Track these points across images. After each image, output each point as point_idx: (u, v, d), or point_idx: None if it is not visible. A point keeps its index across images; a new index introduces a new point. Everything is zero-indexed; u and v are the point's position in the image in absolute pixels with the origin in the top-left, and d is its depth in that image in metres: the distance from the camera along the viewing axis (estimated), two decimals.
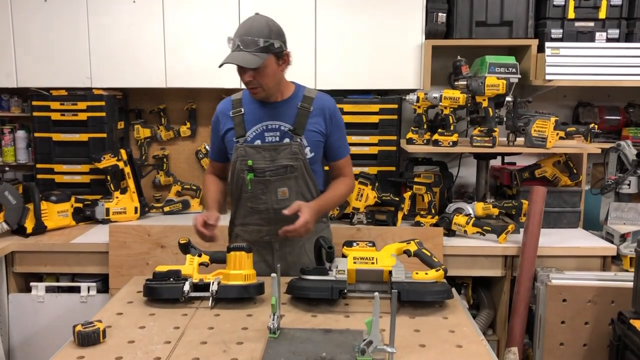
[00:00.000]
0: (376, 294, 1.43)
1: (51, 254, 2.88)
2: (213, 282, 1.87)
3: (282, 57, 2.07)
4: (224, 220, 2.33)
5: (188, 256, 1.98)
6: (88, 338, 1.55)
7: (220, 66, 2.00)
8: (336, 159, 2.24)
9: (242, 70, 2.03)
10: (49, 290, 2.91)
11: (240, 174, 2.14)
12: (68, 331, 1.62)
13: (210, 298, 1.85)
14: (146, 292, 1.89)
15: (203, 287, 1.89)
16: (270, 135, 2.13)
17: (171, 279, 1.89)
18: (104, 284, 2.94)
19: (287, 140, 2.12)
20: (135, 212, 3.22)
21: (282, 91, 2.16)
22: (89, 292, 2.88)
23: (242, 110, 2.17)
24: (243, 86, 2.17)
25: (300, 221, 1.96)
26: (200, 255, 1.98)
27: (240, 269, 1.89)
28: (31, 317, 2.89)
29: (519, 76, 3.03)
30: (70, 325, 1.61)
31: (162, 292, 1.86)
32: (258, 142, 2.13)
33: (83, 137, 3.26)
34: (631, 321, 2.19)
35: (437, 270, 1.89)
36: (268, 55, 2.00)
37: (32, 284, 2.90)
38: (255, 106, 2.16)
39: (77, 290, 2.91)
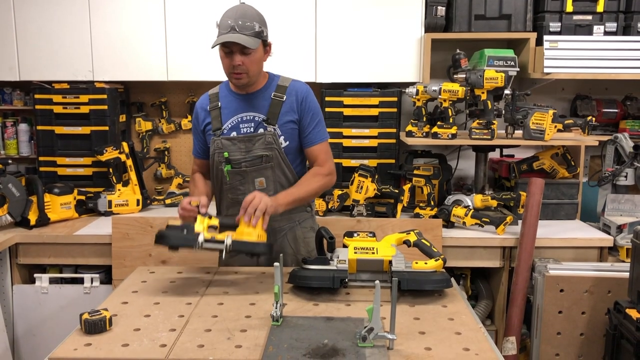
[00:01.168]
0: (377, 282, 1.47)
1: (54, 245, 2.91)
2: (227, 237, 1.85)
3: (266, 46, 2.12)
4: (213, 212, 2.35)
5: (199, 216, 1.92)
6: (95, 326, 1.58)
7: (214, 46, 2.03)
8: (309, 145, 2.19)
9: (230, 55, 2.04)
10: (52, 281, 2.94)
11: (218, 166, 2.17)
12: (71, 322, 1.65)
13: (224, 251, 1.83)
14: (160, 239, 1.83)
15: (216, 242, 1.86)
16: (245, 126, 2.16)
17: (185, 231, 1.85)
18: (106, 275, 2.98)
19: (261, 130, 2.14)
20: (137, 204, 3.25)
21: (258, 81, 2.18)
22: (92, 283, 2.91)
23: (219, 104, 2.20)
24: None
25: (249, 195, 1.90)
26: (210, 218, 1.93)
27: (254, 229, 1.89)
28: (35, 308, 2.92)
29: (518, 69, 3.05)
30: (74, 316, 1.64)
31: (178, 239, 1.83)
32: (234, 133, 2.16)
33: (85, 130, 3.29)
34: (627, 310, 2.22)
35: (436, 260, 1.92)
36: (260, 40, 2.05)
37: (35, 275, 2.93)
38: (231, 98, 2.19)
39: (80, 281, 2.94)
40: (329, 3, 3.19)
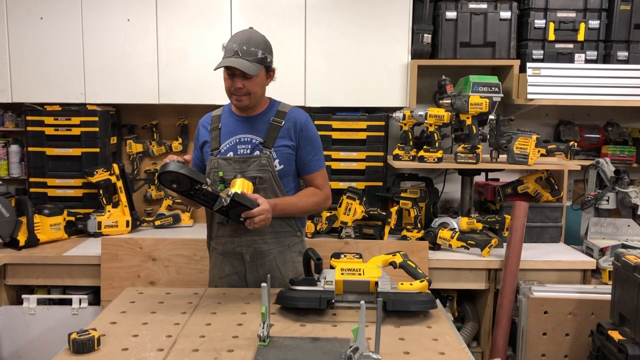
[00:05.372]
0: (362, 302, 1.49)
1: (43, 266, 2.91)
2: (227, 189, 1.94)
3: (270, 71, 2.19)
4: (203, 234, 2.40)
5: None
6: (83, 346, 1.60)
7: (216, 69, 2.08)
8: (307, 173, 2.27)
9: (232, 77, 2.11)
10: (40, 302, 2.93)
11: (213, 186, 2.21)
12: (59, 343, 1.66)
13: (222, 200, 1.91)
14: (167, 167, 1.86)
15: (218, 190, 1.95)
16: (242, 147, 2.21)
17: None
18: (95, 296, 2.97)
19: (257, 152, 2.19)
20: (127, 225, 3.26)
21: (259, 105, 2.24)
22: (80, 304, 2.91)
23: (220, 125, 2.26)
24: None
25: (259, 208, 1.98)
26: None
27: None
28: (22, 330, 2.91)
29: (502, 95, 3.13)
30: (61, 337, 1.66)
31: (186, 170, 1.86)
32: (231, 154, 2.20)
33: (76, 151, 3.31)
34: (609, 332, 2.26)
35: (421, 281, 1.96)
36: (262, 66, 2.11)
37: (23, 296, 2.93)
38: (231, 120, 2.25)
39: (68, 302, 2.93)
40: (318, 29, 3.26)
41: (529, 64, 3.19)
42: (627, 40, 3.27)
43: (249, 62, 2.06)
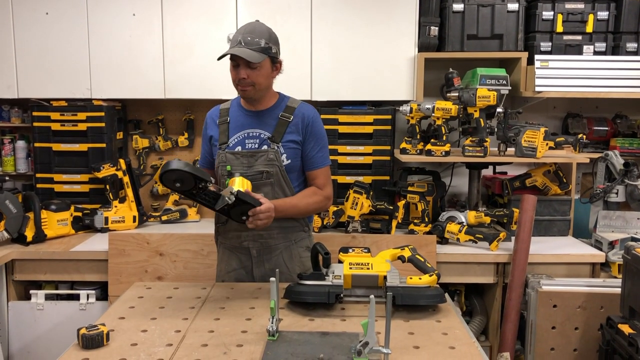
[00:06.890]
0: (372, 296, 1.49)
1: (51, 262, 2.92)
2: (232, 187, 1.90)
3: (276, 62, 2.18)
4: (210, 229, 2.40)
5: None
6: (92, 341, 1.60)
7: (220, 58, 2.08)
8: (310, 169, 2.24)
9: (237, 68, 2.10)
10: (48, 298, 2.94)
11: (221, 179, 2.21)
12: (67, 339, 1.67)
13: (224, 198, 1.87)
14: (170, 165, 1.82)
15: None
16: (250, 142, 2.20)
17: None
18: (102, 291, 2.98)
19: (264, 147, 2.18)
20: (134, 220, 3.26)
21: (268, 99, 2.23)
22: (88, 299, 2.92)
23: (228, 118, 2.25)
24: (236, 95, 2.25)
25: (264, 206, 1.97)
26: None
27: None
28: (31, 325, 2.92)
29: (510, 88, 3.10)
30: (69, 332, 1.66)
31: (190, 167, 1.83)
32: (239, 148, 2.20)
33: (83, 147, 3.31)
34: (619, 326, 2.25)
35: (430, 276, 1.95)
36: (266, 56, 2.10)
37: (31, 291, 2.94)
38: (240, 114, 2.25)
39: (76, 297, 2.94)
40: (324, 23, 3.25)
41: (536, 56, 3.17)
42: (637, 32, 3.24)
43: (251, 51, 2.06)
